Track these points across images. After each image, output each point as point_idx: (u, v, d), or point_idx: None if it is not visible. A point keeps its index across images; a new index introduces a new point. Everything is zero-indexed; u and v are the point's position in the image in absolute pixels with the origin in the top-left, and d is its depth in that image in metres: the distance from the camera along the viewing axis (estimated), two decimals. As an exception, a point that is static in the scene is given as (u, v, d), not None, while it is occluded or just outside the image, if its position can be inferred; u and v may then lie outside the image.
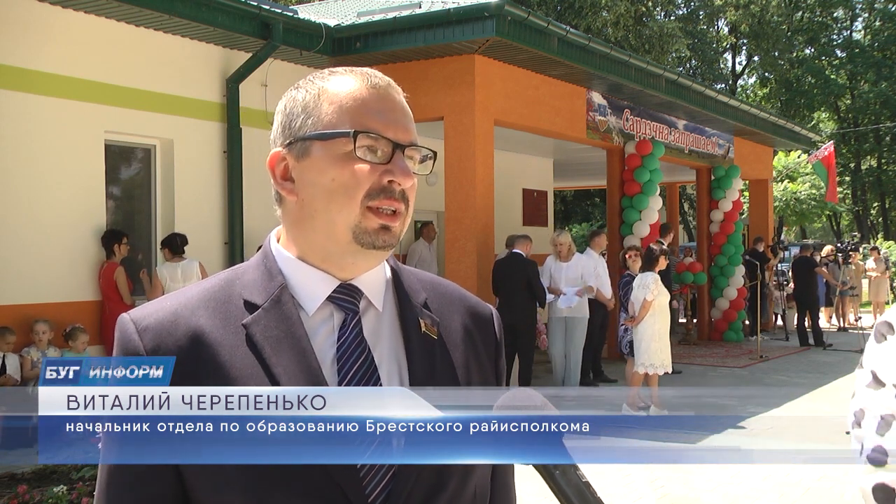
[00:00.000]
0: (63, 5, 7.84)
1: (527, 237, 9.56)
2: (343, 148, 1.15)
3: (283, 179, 1.21)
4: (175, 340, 1.13)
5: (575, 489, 0.97)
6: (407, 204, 1.19)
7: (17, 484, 5.49)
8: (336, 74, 1.22)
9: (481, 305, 1.35)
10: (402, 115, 1.21)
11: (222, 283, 1.21)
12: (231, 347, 1.13)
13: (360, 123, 1.16)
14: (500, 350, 1.34)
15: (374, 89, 1.19)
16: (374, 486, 1.12)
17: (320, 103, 1.18)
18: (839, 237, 40.45)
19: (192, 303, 1.17)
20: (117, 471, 1.14)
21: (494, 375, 1.32)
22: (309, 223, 1.18)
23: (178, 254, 8.37)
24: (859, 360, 1.94)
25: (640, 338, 8.67)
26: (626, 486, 6.31)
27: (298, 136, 1.19)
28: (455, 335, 1.27)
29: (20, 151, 7.63)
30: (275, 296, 1.17)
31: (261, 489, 1.09)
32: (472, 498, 1.21)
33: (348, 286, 1.20)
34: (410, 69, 9.84)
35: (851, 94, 40.35)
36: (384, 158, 1.16)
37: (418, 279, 1.31)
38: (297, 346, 1.14)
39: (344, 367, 1.15)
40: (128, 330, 1.15)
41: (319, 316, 1.19)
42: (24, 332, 7.63)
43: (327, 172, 1.16)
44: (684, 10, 34.87)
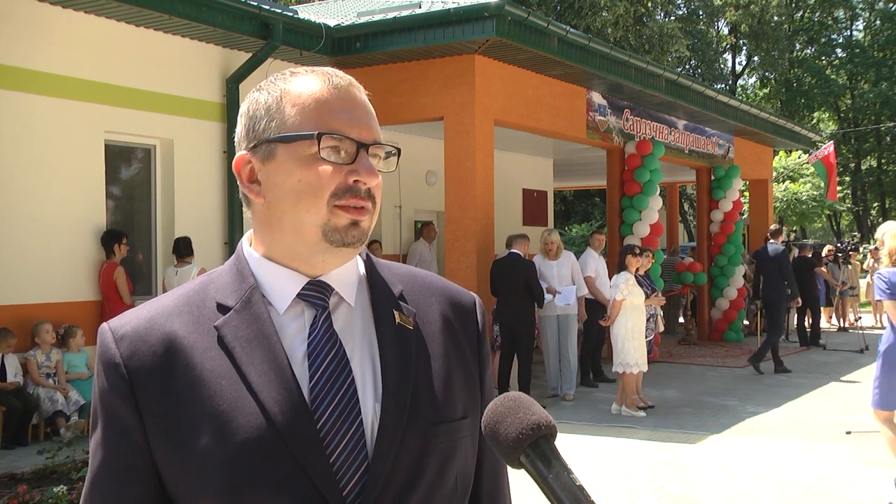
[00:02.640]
0: (63, 5, 7.84)
1: (524, 236, 9.55)
2: (307, 150, 1.16)
3: (249, 182, 1.22)
4: (149, 347, 1.15)
5: (569, 493, 0.96)
6: (374, 202, 1.20)
7: (17, 484, 5.49)
8: (297, 75, 1.22)
9: (463, 294, 1.35)
10: (364, 113, 1.21)
11: (197, 288, 1.23)
12: (203, 350, 1.15)
13: (324, 124, 1.17)
14: (482, 338, 1.34)
15: (336, 89, 1.20)
16: (347, 478, 1.12)
17: (283, 105, 1.19)
18: (839, 237, 40.47)
19: (167, 309, 1.20)
20: (100, 475, 1.16)
21: (477, 364, 1.31)
22: (277, 224, 1.19)
23: (182, 258, 8.42)
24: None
25: (615, 338, 8.90)
26: (626, 486, 6.31)
27: (262, 138, 1.19)
28: (433, 325, 1.27)
29: (20, 151, 7.63)
30: (245, 297, 1.19)
31: (235, 488, 1.10)
32: (453, 488, 1.21)
33: (317, 283, 1.21)
34: (410, 69, 9.84)
35: (851, 94, 40.36)
36: (349, 158, 1.17)
37: (394, 272, 1.31)
38: (266, 344, 1.15)
39: (315, 363, 1.16)
40: (106, 339, 1.18)
41: (290, 314, 1.20)
42: (25, 332, 7.63)
43: (293, 174, 1.17)
44: (684, 10, 34.86)
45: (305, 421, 1.12)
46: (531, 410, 1.00)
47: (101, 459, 1.16)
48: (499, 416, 1.01)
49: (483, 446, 1.28)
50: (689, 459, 7.03)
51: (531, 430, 0.98)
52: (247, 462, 1.10)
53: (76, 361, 7.91)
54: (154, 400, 1.13)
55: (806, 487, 6.26)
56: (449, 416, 1.21)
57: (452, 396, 1.22)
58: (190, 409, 1.12)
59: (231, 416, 1.11)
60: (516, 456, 0.99)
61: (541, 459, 0.98)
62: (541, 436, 0.99)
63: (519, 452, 0.99)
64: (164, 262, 8.98)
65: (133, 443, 1.14)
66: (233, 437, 1.10)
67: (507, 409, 1.01)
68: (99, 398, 1.17)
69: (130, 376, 1.14)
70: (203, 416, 1.11)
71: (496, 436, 1.01)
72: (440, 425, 1.19)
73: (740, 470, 6.72)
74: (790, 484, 6.34)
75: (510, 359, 9.26)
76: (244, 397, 1.12)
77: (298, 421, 1.11)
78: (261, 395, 1.12)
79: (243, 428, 1.11)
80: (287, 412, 1.12)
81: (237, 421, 1.11)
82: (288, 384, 1.13)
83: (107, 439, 1.16)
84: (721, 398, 9.81)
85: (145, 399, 1.13)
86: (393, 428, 1.15)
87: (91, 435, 1.19)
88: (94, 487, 1.17)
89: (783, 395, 9.94)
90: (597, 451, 7.31)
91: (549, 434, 0.99)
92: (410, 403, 1.17)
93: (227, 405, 1.12)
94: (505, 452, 1.00)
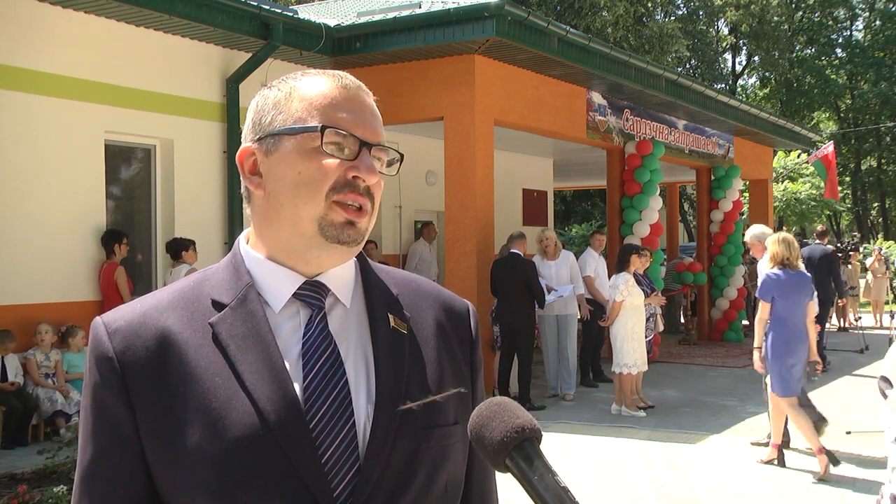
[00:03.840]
0: (63, 5, 7.84)
1: (522, 235, 9.54)
2: (311, 143, 1.17)
3: (251, 174, 1.23)
4: (143, 342, 1.15)
5: (553, 495, 0.96)
6: (372, 201, 1.20)
7: (17, 484, 5.49)
8: (308, 75, 1.24)
9: (456, 301, 1.36)
10: (370, 115, 1.23)
11: (193, 284, 1.23)
12: (197, 346, 1.15)
13: (329, 119, 1.18)
14: (475, 345, 1.34)
15: (345, 90, 1.22)
16: (338, 480, 1.12)
17: (291, 100, 1.21)
18: (839, 237, 40.47)
19: (162, 304, 1.20)
20: (90, 471, 1.16)
21: (469, 370, 1.31)
22: (275, 216, 1.20)
23: (175, 259, 8.42)
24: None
25: (614, 338, 8.90)
26: (625, 486, 6.31)
27: (268, 131, 1.21)
28: (426, 330, 1.27)
29: (20, 151, 7.63)
30: (241, 294, 1.19)
31: (226, 487, 1.09)
32: (443, 493, 1.21)
33: (314, 283, 1.21)
34: (410, 69, 9.85)
35: (851, 94, 40.35)
36: (351, 155, 1.18)
37: (389, 276, 1.32)
38: (261, 343, 1.15)
39: (309, 363, 1.16)
40: (99, 333, 1.17)
41: (286, 313, 1.20)
42: (25, 332, 7.64)
43: (295, 166, 1.17)
44: (684, 10, 34.85)
45: (298, 421, 1.12)
46: (515, 414, 1.01)
47: (91, 455, 1.15)
48: (484, 420, 1.02)
49: (473, 452, 1.28)
50: (689, 459, 7.03)
51: (516, 434, 0.99)
52: (238, 460, 1.10)
53: (76, 361, 7.92)
54: (147, 395, 1.13)
55: (806, 487, 6.26)
56: (441, 422, 1.21)
57: (444, 402, 1.23)
58: (182, 405, 1.12)
59: (224, 413, 1.11)
60: (501, 459, 0.99)
61: (525, 462, 0.98)
62: (525, 438, 0.99)
63: (504, 455, 0.99)
64: (164, 262, 8.98)
65: (124, 438, 1.13)
66: (225, 434, 1.10)
67: (491, 413, 1.02)
68: (91, 392, 1.16)
69: (123, 371, 1.14)
70: (195, 413, 1.11)
71: (481, 439, 1.01)
72: (432, 430, 1.19)
73: (740, 470, 6.72)
74: (790, 484, 6.34)
75: (510, 359, 9.25)
76: (237, 395, 1.12)
77: (291, 420, 1.11)
78: (254, 393, 1.12)
79: (236, 426, 1.11)
80: (280, 411, 1.11)
81: (230, 418, 1.11)
82: (282, 383, 1.13)
83: (97, 434, 1.15)
84: (721, 398, 9.80)
85: (138, 394, 1.13)
86: (385, 430, 1.15)
87: (80, 430, 1.19)
88: (83, 483, 1.16)
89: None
90: (597, 451, 7.31)
91: (534, 437, 1.00)
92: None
93: (219, 403, 1.12)
94: (490, 456, 1.00)
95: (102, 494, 1.14)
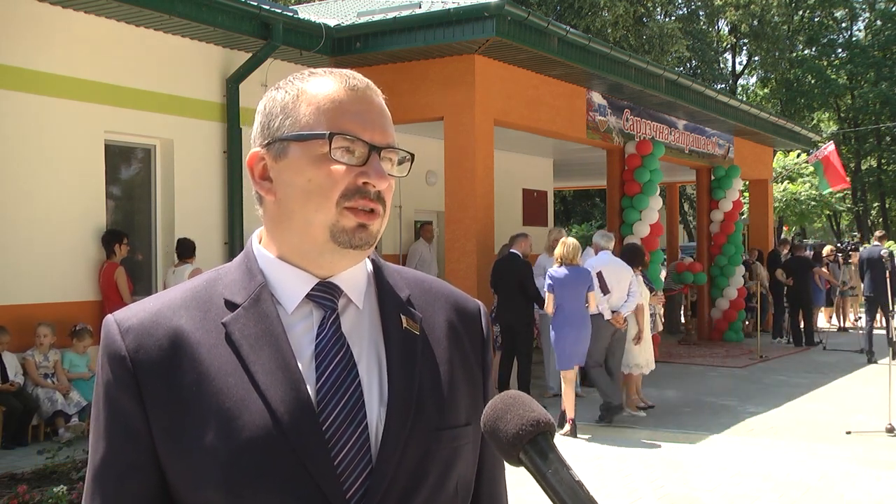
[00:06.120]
0: (63, 5, 7.84)
1: (523, 235, 9.52)
2: (319, 149, 1.17)
3: (261, 179, 1.22)
4: (155, 341, 1.15)
5: (567, 488, 0.96)
6: (384, 205, 1.20)
7: (17, 484, 5.49)
8: (315, 76, 1.24)
9: (468, 301, 1.35)
10: (379, 116, 1.22)
11: (205, 283, 1.22)
12: (210, 346, 1.15)
13: (337, 125, 1.17)
14: (486, 345, 1.34)
15: (353, 91, 1.21)
16: (351, 482, 1.12)
17: (299, 104, 1.20)
18: (839, 237, 40.47)
19: (174, 303, 1.19)
20: (102, 468, 1.15)
21: (481, 371, 1.32)
22: (286, 222, 1.20)
23: (182, 259, 8.45)
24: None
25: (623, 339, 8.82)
26: (625, 486, 6.31)
27: (277, 136, 1.20)
28: (439, 331, 1.27)
29: (20, 151, 7.63)
30: (254, 295, 1.19)
31: (237, 485, 1.09)
32: (454, 494, 1.21)
33: (327, 284, 1.21)
34: (410, 69, 9.85)
35: (851, 94, 40.33)
36: (360, 160, 1.17)
37: (402, 276, 1.31)
38: (274, 343, 1.15)
39: (322, 364, 1.16)
40: (111, 331, 1.17)
41: (299, 314, 1.20)
42: (25, 332, 7.63)
43: (304, 173, 1.17)
44: (684, 10, 34.86)
45: (311, 421, 1.12)
46: (530, 408, 1.01)
47: (104, 453, 1.15)
48: (498, 413, 1.01)
49: (483, 453, 1.28)
50: (689, 459, 7.03)
51: (531, 427, 0.99)
52: (251, 460, 1.10)
53: (78, 361, 7.91)
54: (159, 394, 1.13)
55: (806, 487, 6.26)
56: (452, 423, 1.21)
57: (456, 403, 1.23)
58: (195, 404, 1.12)
59: (236, 413, 1.11)
60: (515, 453, 0.99)
61: (539, 456, 0.98)
62: (539, 432, 0.99)
63: (518, 449, 0.99)
64: (165, 262, 8.98)
65: (136, 436, 1.13)
66: (238, 434, 1.10)
67: (506, 406, 1.02)
68: (103, 390, 1.16)
69: (135, 369, 1.13)
70: (208, 413, 1.11)
71: (496, 432, 1.01)
72: (443, 431, 1.19)
73: (740, 470, 6.72)
74: (790, 484, 6.34)
75: (510, 359, 9.25)
76: (250, 395, 1.12)
77: (304, 421, 1.11)
78: (267, 393, 1.12)
79: (248, 426, 1.10)
80: (293, 412, 1.11)
81: (242, 419, 1.11)
82: (295, 384, 1.13)
83: (109, 432, 1.15)
84: (721, 398, 9.80)
85: (150, 392, 1.13)
86: (397, 432, 1.15)
87: (91, 428, 1.18)
88: (95, 481, 1.16)
89: (783, 395, 9.94)
90: (597, 451, 7.31)
91: (548, 431, 1.00)
92: (415, 408, 1.18)
93: (232, 402, 1.12)
94: (504, 449, 1.00)
95: (115, 490, 1.14)
